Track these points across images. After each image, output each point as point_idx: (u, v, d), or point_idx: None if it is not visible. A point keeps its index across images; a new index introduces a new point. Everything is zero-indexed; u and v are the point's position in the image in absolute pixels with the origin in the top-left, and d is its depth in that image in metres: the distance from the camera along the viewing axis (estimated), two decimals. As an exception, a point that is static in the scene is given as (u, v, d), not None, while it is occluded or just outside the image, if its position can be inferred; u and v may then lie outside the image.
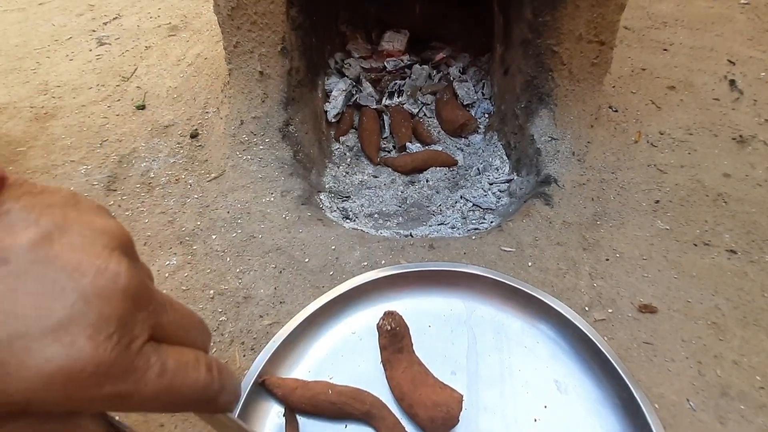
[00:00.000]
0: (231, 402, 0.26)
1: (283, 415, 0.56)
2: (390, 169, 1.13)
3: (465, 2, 1.38)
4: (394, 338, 0.61)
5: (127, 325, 0.20)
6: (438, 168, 1.12)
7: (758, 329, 0.71)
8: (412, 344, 0.63)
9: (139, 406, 0.21)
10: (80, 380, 0.18)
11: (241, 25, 0.94)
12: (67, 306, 0.18)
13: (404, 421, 0.56)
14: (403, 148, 1.17)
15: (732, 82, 1.22)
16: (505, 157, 1.10)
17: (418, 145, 1.19)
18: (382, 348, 0.62)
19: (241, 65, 0.98)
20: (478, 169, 1.09)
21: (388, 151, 1.19)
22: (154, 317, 0.22)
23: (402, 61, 1.31)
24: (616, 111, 1.10)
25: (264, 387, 0.58)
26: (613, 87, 1.18)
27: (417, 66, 1.30)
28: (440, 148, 1.17)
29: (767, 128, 1.08)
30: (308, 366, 0.62)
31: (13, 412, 0.19)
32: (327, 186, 1.05)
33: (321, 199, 0.97)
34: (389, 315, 0.62)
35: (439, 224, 0.97)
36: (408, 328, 0.63)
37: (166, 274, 0.78)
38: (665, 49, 1.35)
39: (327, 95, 1.22)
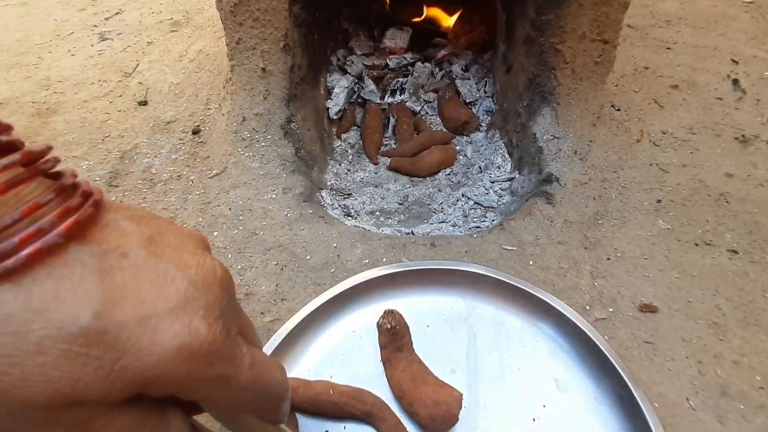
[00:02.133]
0: (288, 411, 0.29)
1: (284, 412, 0.57)
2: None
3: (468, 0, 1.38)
4: (393, 337, 0.61)
5: (226, 313, 0.23)
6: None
7: (758, 329, 0.71)
8: (411, 343, 0.63)
9: (235, 393, 0.23)
10: (198, 356, 0.21)
11: (243, 22, 0.94)
12: (181, 291, 0.21)
13: (404, 420, 0.56)
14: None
15: (735, 82, 1.21)
16: (507, 156, 1.10)
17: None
18: (382, 346, 0.62)
19: (243, 62, 0.98)
20: (480, 167, 1.09)
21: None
22: (239, 313, 0.26)
23: (404, 58, 1.31)
24: (619, 110, 1.10)
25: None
26: (616, 85, 1.18)
27: (419, 64, 1.30)
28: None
29: (770, 128, 1.07)
30: (309, 364, 0.63)
31: (128, 400, 0.20)
32: (329, 183, 1.05)
33: (323, 197, 0.97)
34: (389, 313, 0.62)
35: (440, 222, 0.97)
36: (408, 327, 0.63)
37: (168, 271, 0.78)
38: (668, 48, 1.35)
39: (329, 92, 1.22)
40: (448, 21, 1.43)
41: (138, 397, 0.21)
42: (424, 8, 1.42)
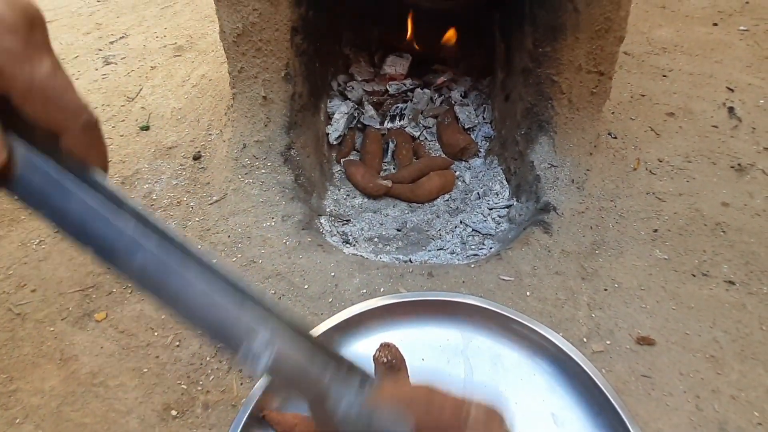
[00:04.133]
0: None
1: (279, 449, 0.56)
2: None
3: (467, 27, 1.40)
4: (390, 371, 0.61)
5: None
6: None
7: (756, 363, 0.71)
8: (408, 376, 0.63)
9: (33, 83, 0.25)
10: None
11: (246, 52, 0.95)
12: None
13: (400, 457, 0.56)
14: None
15: (731, 110, 1.23)
16: (504, 182, 1.11)
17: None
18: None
19: (245, 90, 1.00)
20: (478, 193, 1.10)
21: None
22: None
23: (404, 84, 1.33)
24: (615, 138, 1.11)
25: (265, 421, 0.58)
26: (613, 113, 1.19)
27: (419, 90, 1.32)
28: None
29: (766, 156, 1.08)
30: (305, 397, 0.62)
31: None
32: (328, 209, 1.06)
33: (321, 223, 0.98)
34: (385, 347, 0.62)
35: (438, 249, 0.97)
36: (404, 360, 0.63)
37: (166, 299, 0.79)
38: (664, 75, 1.36)
39: (329, 118, 1.23)
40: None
41: None
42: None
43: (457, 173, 1.17)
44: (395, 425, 0.30)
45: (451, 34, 1.41)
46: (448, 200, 1.11)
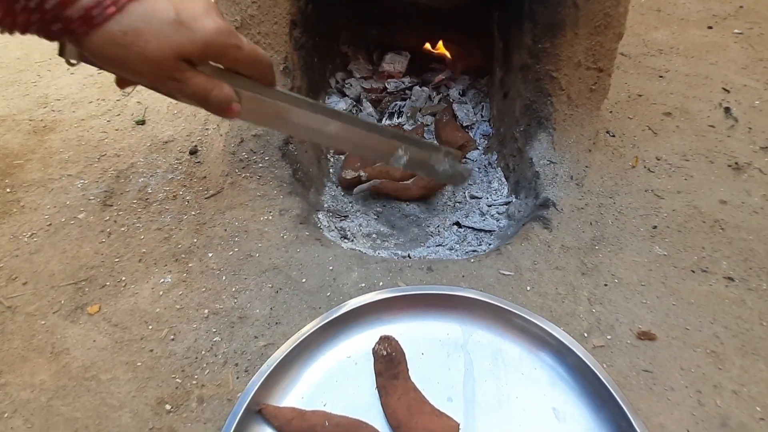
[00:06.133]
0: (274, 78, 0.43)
1: (276, 442, 0.55)
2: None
3: (465, 26, 1.40)
4: (389, 364, 0.60)
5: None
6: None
7: (757, 358, 0.71)
8: (408, 370, 0.62)
9: (245, 56, 0.38)
10: (224, 31, 0.36)
11: (243, 45, 0.94)
12: (205, 6, 0.36)
13: (400, 450, 0.55)
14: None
15: (727, 110, 1.23)
16: (503, 179, 1.10)
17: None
18: (378, 373, 0.61)
19: (242, 83, 0.99)
20: (473, 194, 1.09)
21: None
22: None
23: (403, 82, 1.32)
24: (614, 136, 1.11)
25: (261, 415, 0.57)
26: (610, 112, 1.19)
27: (417, 87, 1.32)
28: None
29: (762, 156, 1.09)
30: (302, 391, 0.61)
31: (194, 60, 0.36)
32: (325, 205, 1.05)
33: (319, 218, 0.97)
34: (385, 340, 0.62)
35: (437, 245, 0.96)
36: (404, 354, 0.62)
37: (161, 292, 0.77)
38: (661, 76, 1.37)
39: (327, 114, 1.23)
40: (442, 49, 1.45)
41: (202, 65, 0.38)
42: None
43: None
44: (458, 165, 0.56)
45: (440, 46, 1.43)
46: (446, 200, 1.10)
